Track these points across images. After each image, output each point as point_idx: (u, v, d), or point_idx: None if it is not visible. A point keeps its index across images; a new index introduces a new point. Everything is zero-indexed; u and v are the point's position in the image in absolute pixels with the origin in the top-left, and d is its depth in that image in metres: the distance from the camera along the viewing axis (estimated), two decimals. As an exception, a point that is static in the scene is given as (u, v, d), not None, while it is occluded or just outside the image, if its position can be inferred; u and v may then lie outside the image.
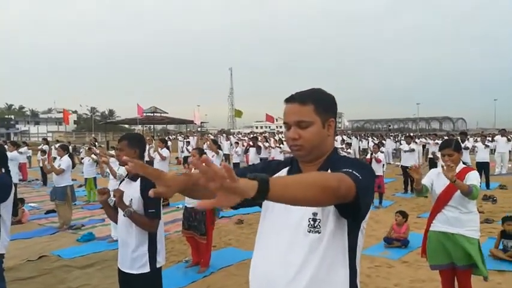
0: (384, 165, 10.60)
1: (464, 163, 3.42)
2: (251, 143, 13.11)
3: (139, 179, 2.81)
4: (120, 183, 3.03)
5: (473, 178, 3.22)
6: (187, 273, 4.94)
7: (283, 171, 1.56)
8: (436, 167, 7.81)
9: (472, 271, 3.30)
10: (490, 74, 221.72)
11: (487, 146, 11.78)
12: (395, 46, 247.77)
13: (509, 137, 14.13)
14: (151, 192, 1.08)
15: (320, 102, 1.45)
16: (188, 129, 39.57)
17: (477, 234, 3.29)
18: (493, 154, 14.47)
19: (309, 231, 1.37)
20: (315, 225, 1.37)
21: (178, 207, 8.73)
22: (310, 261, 1.35)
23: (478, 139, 14.05)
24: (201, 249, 5.05)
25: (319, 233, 1.37)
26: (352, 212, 1.28)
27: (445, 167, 3.08)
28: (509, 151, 14.68)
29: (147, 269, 2.75)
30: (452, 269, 3.35)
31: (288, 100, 1.47)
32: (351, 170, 1.25)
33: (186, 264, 5.21)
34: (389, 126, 75.95)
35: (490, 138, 16.25)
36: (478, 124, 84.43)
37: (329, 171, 1.43)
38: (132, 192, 2.77)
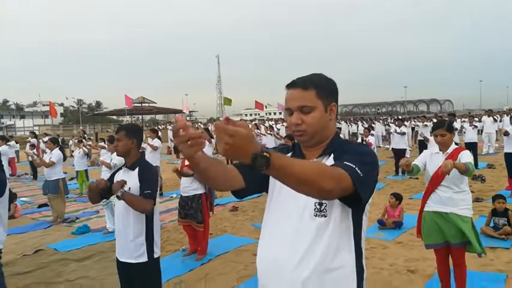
0: (374, 148, 10.71)
1: (456, 143, 3.50)
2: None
3: (137, 168, 2.85)
4: (116, 172, 3.03)
5: (467, 156, 3.30)
6: (184, 261, 4.96)
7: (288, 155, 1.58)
8: (426, 148, 7.90)
9: (466, 248, 3.39)
10: (475, 56, 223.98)
11: (474, 127, 11.94)
12: (382, 33, 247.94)
13: (495, 117, 14.34)
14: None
15: (322, 87, 1.45)
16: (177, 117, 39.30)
17: (470, 212, 3.37)
18: (480, 134, 14.70)
19: (316, 215, 1.39)
20: (321, 209, 1.39)
21: (171, 197, 8.76)
22: (317, 246, 1.38)
23: (466, 120, 14.24)
24: (198, 237, 5.07)
25: (325, 216, 1.39)
26: (353, 203, 1.33)
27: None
28: (496, 131, 14.92)
29: (145, 258, 2.79)
30: (446, 247, 3.44)
31: (290, 85, 1.48)
32: (353, 166, 1.27)
33: (183, 253, 5.23)
34: (378, 110, 76.38)
35: (477, 119, 16.48)
36: (464, 106, 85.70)
37: (332, 155, 1.45)
38: (130, 180, 2.80)
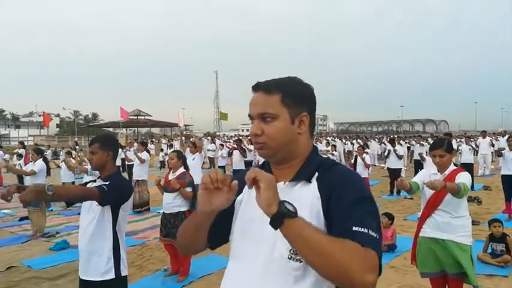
0: (370, 168, 10.48)
1: (455, 164, 3.27)
2: (235, 145, 12.87)
3: (109, 181, 2.64)
4: (88, 183, 2.84)
5: (464, 178, 3.06)
6: (165, 282, 4.69)
7: None
8: (422, 168, 7.66)
9: (464, 279, 3.13)
10: (471, 78, 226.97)
11: (471, 148, 11.79)
12: (379, 52, 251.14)
13: (493, 142, 14.22)
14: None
15: (290, 92, 1.21)
16: (173, 133, 39.15)
17: (469, 240, 3.12)
18: (476, 156, 14.56)
19: (290, 258, 1.10)
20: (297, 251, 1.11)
21: (159, 212, 8.44)
22: None
23: (462, 140, 14.11)
24: (180, 257, 4.80)
25: (300, 261, 1.09)
26: None
27: (432, 179, 2.88)
28: (491, 152, 14.79)
29: (112, 275, 2.56)
30: (443, 276, 3.19)
31: (254, 88, 1.25)
32: (365, 231, 1.03)
33: (165, 273, 4.96)
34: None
35: (473, 139, 16.36)
36: (460, 126, 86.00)
37: (313, 184, 1.16)
38: None
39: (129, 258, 4.53)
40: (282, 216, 0.99)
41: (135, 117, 35.83)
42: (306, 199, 1.15)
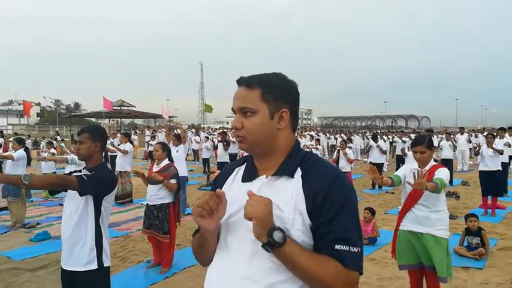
0: (353, 163, 10.61)
1: (435, 160, 3.37)
2: (220, 138, 12.84)
3: (94, 172, 2.63)
4: (73, 173, 2.81)
5: (441, 173, 3.15)
6: (148, 274, 4.68)
7: (242, 168, 1.35)
8: (404, 163, 7.80)
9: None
10: (452, 75, 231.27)
11: (451, 144, 12.07)
12: (364, 49, 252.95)
13: (470, 139, 14.56)
14: None
15: (270, 88, 1.22)
16: (157, 124, 38.76)
17: (446, 233, 3.23)
18: (454, 152, 14.91)
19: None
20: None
21: (142, 204, 8.40)
22: (276, 282, 1.14)
23: (443, 136, 14.41)
24: (163, 248, 4.80)
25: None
26: None
27: (416, 178, 2.96)
28: (470, 149, 15.16)
29: (94, 266, 2.56)
30: (420, 268, 3.29)
31: (237, 82, 1.27)
32: (347, 249, 1.13)
33: (148, 264, 4.95)
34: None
35: (453, 136, 16.74)
36: (441, 123, 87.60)
37: (297, 181, 1.18)
38: None
39: (112, 250, 4.50)
40: (270, 247, 1.08)
41: (119, 108, 35.33)
42: (289, 196, 1.17)
